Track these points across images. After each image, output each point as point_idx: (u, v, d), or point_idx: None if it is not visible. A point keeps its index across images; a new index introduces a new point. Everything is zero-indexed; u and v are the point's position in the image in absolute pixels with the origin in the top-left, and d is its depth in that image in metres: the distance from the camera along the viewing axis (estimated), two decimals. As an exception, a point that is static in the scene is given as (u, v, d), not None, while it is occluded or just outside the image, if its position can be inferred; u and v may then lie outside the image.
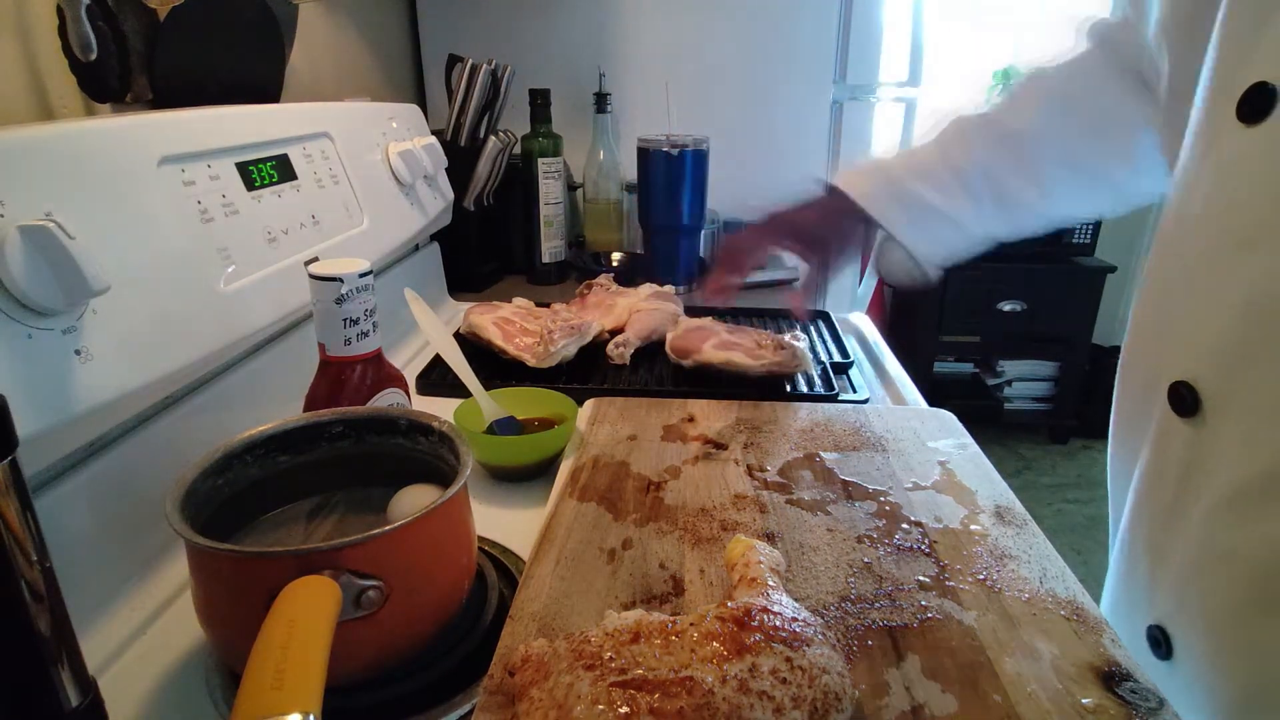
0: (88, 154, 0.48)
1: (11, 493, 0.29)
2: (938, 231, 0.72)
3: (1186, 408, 0.45)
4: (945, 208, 0.71)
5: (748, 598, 0.39)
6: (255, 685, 0.27)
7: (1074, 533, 2.28)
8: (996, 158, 0.70)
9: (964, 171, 0.71)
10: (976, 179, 0.71)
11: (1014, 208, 0.72)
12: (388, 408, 0.54)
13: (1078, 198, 0.72)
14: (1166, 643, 0.48)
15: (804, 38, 1.28)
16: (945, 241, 0.73)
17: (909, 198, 0.71)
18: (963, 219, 0.72)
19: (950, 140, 0.73)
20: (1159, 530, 0.49)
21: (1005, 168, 0.70)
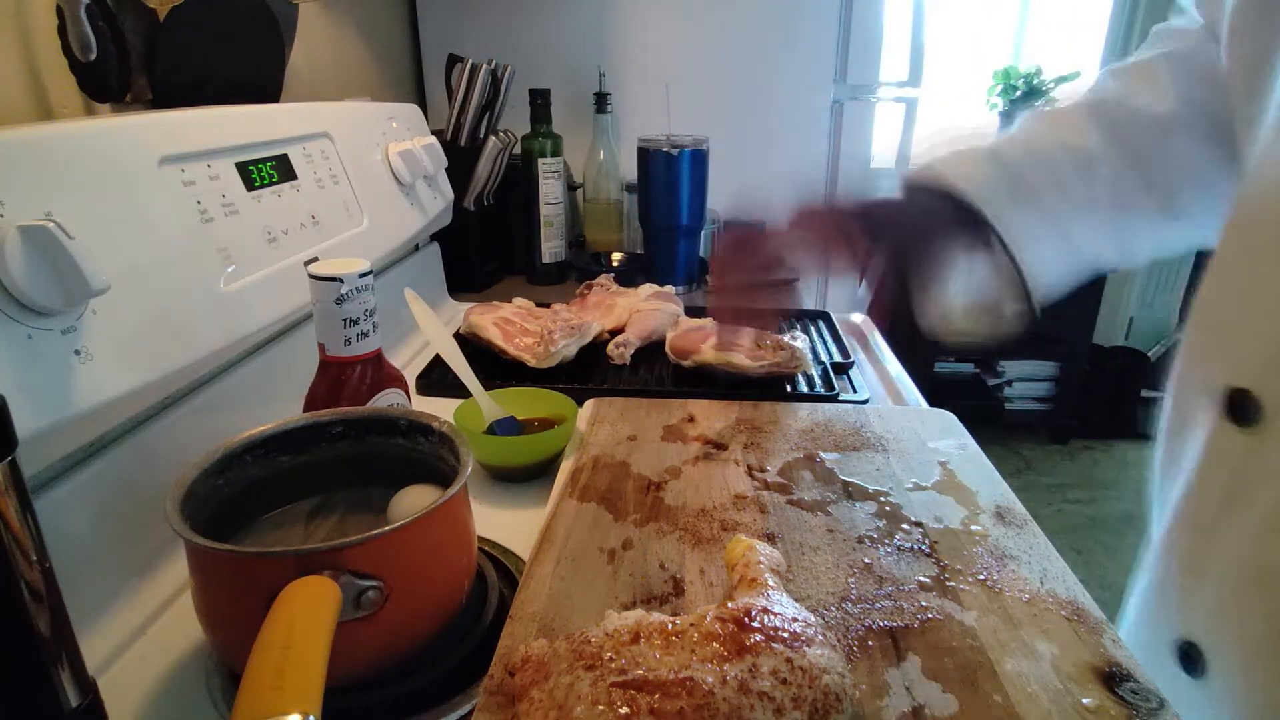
0: (88, 154, 0.48)
1: (11, 493, 0.29)
2: (1053, 248, 0.54)
3: (1244, 416, 0.43)
4: (1069, 213, 0.53)
5: (748, 598, 0.39)
6: (255, 685, 0.27)
7: (1074, 533, 2.28)
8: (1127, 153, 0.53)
9: (1092, 164, 0.53)
10: (1102, 177, 0.53)
11: (1132, 222, 0.55)
12: (388, 408, 0.54)
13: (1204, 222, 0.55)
14: (1198, 659, 0.46)
15: (804, 38, 1.28)
16: (1055, 263, 0.54)
17: (1031, 196, 0.52)
18: (1075, 233, 0.54)
19: (1066, 123, 0.55)
20: (1200, 542, 0.47)
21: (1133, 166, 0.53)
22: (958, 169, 0.54)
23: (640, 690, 0.33)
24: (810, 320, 1.00)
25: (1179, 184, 0.54)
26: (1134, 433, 2.78)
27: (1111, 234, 0.55)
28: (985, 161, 0.54)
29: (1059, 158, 0.53)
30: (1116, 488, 2.52)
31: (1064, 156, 0.53)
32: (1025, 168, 0.53)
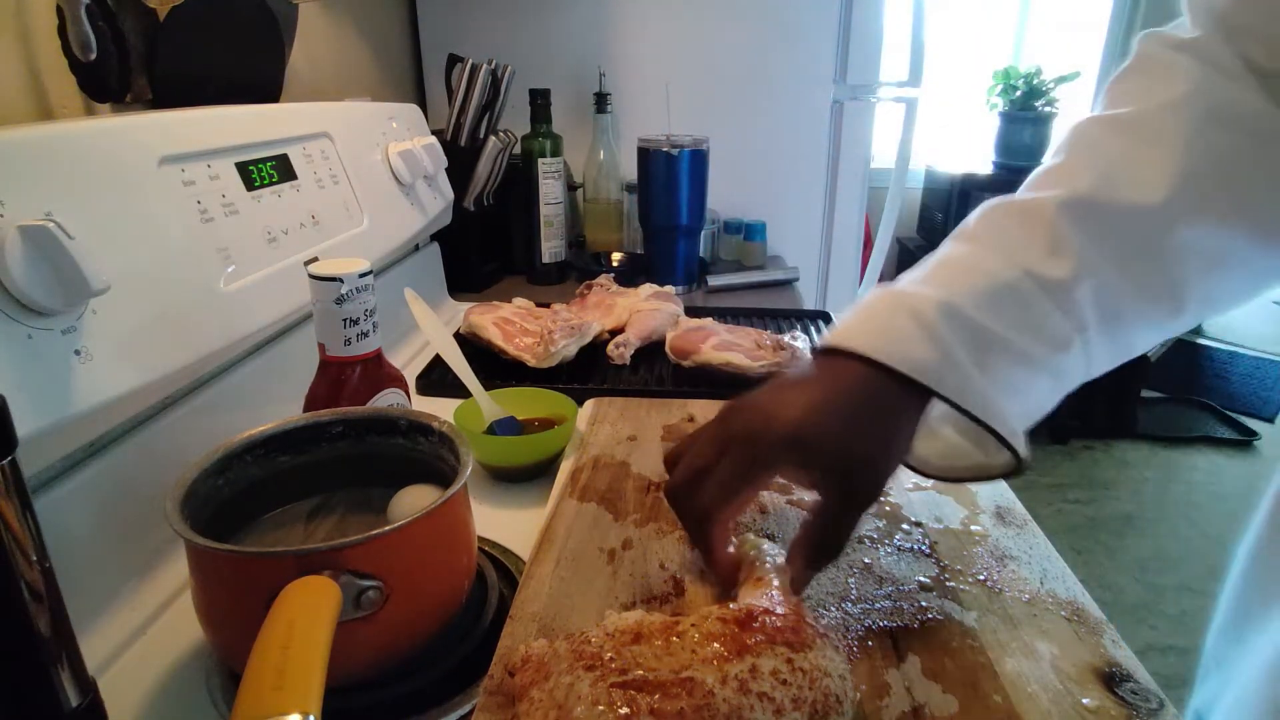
0: (88, 154, 0.48)
1: (11, 493, 0.29)
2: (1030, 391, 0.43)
3: None
4: (1048, 357, 0.42)
5: (751, 599, 0.39)
6: (255, 685, 0.27)
7: (1074, 533, 2.28)
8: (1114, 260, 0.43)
9: (1071, 291, 0.42)
10: (1087, 300, 0.42)
11: (1131, 330, 0.45)
12: (388, 408, 0.54)
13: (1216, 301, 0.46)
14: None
15: (804, 38, 1.28)
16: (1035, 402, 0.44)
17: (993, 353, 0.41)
18: (1064, 366, 0.43)
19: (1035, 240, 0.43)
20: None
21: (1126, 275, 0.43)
22: (873, 336, 0.42)
23: (640, 690, 0.33)
24: (810, 320, 1.00)
25: (1188, 278, 0.44)
26: (1134, 433, 2.78)
27: (1108, 348, 0.45)
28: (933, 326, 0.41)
29: (1027, 293, 0.42)
30: (1116, 488, 2.52)
31: (1034, 290, 0.42)
32: (985, 319, 0.41)
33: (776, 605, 0.38)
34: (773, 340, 0.80)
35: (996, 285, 0.42)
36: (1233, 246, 0.43)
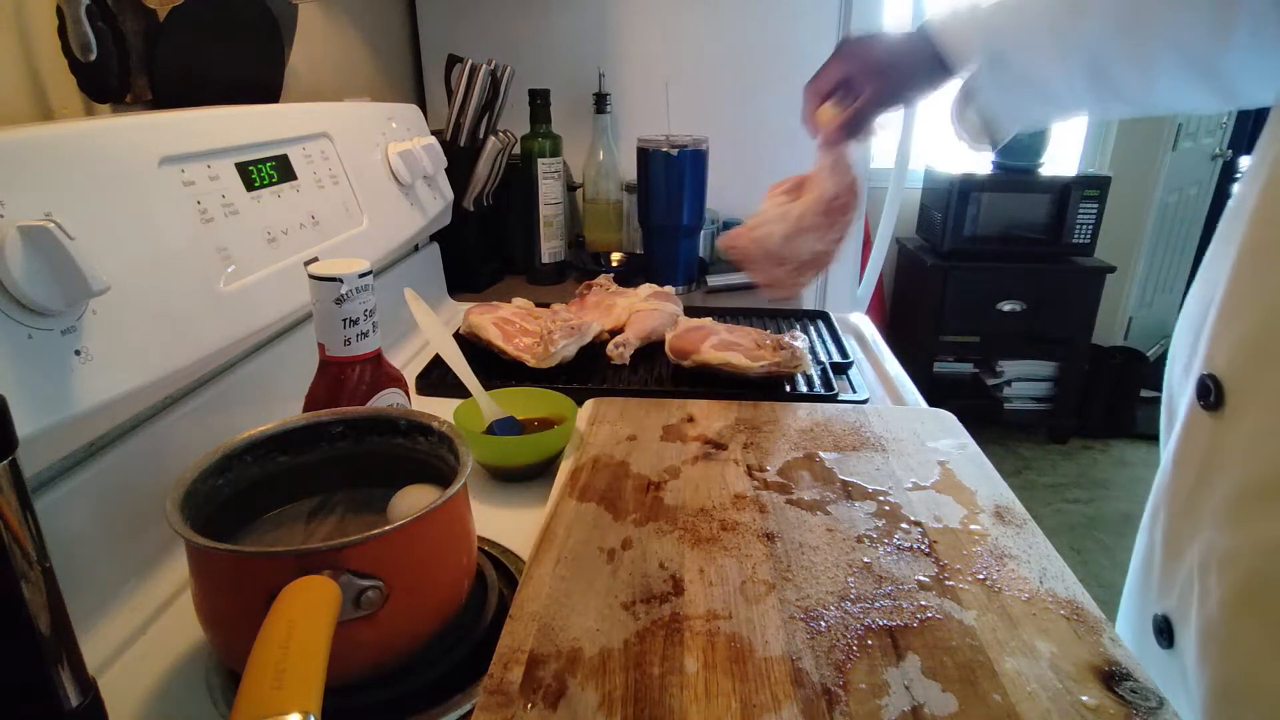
0: (88, 154, 0.48)
1: (11, 493, 0.29)
2: (1023, 99, 0.68)
3: (1210, 401, 0.46)
4: (1041, 79, 0.66)
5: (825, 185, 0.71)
6: (255, 685, 0.27)
7: (1074, 533, 2.28)
8: (1109, 37, 0.63)
9: (1069, 44, 0.64)
10: (1080, 55, 0.64)
11: (1112, 90, 0.66)
12: (388, 408, 0.54)
13: (1183, 92, 0.65)
14: (1169, 633, 0.49)
15: (804, 38, 1.28)
16: (1027, 110, 0.69)
17: (1003, 63, 0.66)
18: (1055, 92, 0.67)
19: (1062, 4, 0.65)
20: (1176, 521, 0.50)
21: (1115, 49, 0.63)
22: (944, 25, 0.69)
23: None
24: (810, 320, 1.00)
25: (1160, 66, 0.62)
26: (1133, 433, 2.79)
27: (1092, 94, 0.66)
28: (969, 22, 0.68)
29: (1039, 30, 0.65)
30: (1115, 487, 2.52)
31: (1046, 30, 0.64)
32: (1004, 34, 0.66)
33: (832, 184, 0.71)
34: (773, 340, 0.80)
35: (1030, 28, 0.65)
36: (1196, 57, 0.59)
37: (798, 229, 0.71)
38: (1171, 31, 0.61)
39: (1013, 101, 0.68)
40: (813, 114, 0.74)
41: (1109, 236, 2.56)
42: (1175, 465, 0.50)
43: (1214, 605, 0.45)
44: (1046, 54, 0.65)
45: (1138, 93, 0.66)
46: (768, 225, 0.72)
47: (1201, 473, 0.47)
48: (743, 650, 0.41)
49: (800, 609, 0.44)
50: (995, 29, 0.67)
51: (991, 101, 0.68)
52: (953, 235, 2.50)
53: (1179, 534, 0.49)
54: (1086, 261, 2.56)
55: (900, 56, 0.71)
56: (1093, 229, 2.52)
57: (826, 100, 0.73)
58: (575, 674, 0.39)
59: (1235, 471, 0.44)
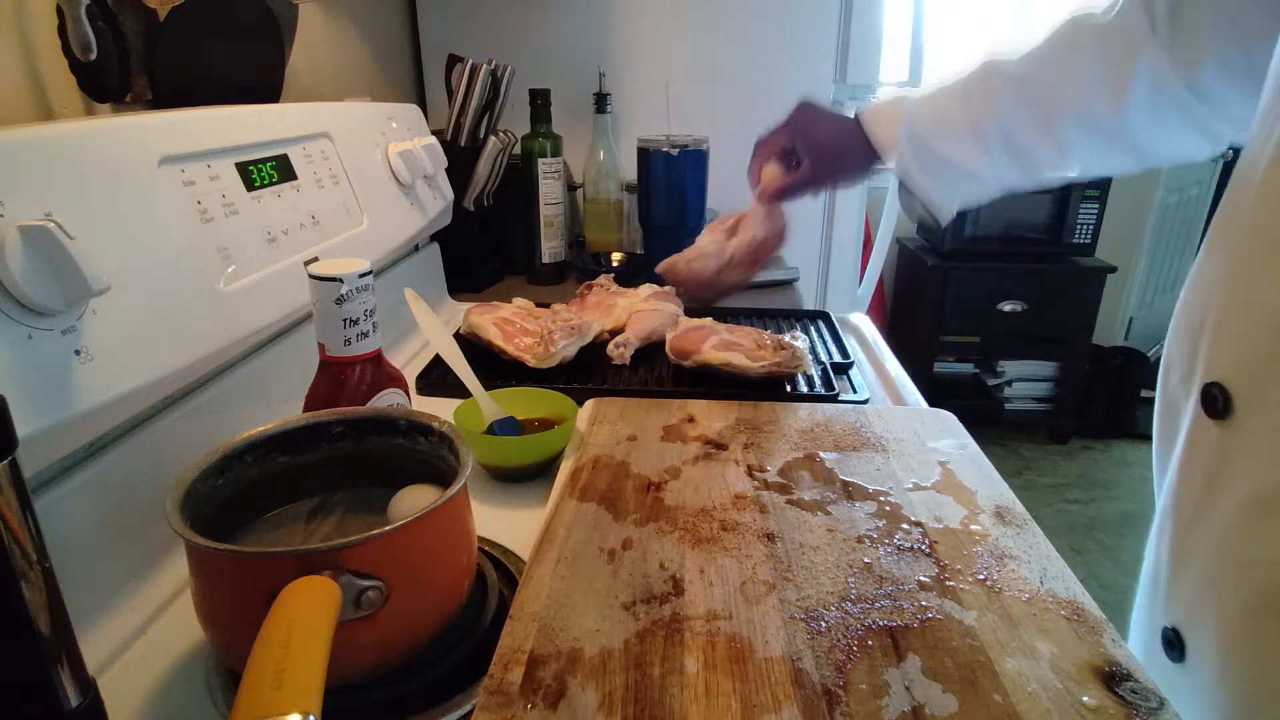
0: (88, 154, 0.48)
1: (11, 493, 0.29)
2: (953, 182, 0.74)
3: (1217, 409, 0.45)
4: (963, 164, 0.72)
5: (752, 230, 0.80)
6: (255, 685, 0.27)
7: (1074, 533, 2.28)
8: (1016, 113, 0.69)
9: (982, 125, 0.70)
10: (994, 134, 0.70)
11: (1031, 163, 0.72)
12: (388, 408, 0.54)
13: (1097, 157, 0.71)
14: (1180, 645, 0.48)
15: (804, 38, 1.28)
16: (959, 190, 0.75)
17: (929, 155, 0.72)
18: (978, 172, 0.72)
19: (975, 92, 0.72)
20: (1184, 532, 0.49)
21: (1024, 124, 0.69)
22: (873, 118, 0.75)
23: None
24: (810, 320, 1.00)
25: (1069, 138, 0.69)
26: (1133, 433, 2.78)
27: (1014, 169, 0.72)
28: (895, 116, 0.74)
29: (956, 118, 0.71)
30: (1116, 488, 2.52)
31: (961, 118, 0.71)
32: (925, 125, 0.73)
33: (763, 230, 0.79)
34: (773, 340, 0.80)
35: (946, 117, 0.72)
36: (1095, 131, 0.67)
37: (728, 265, 0.83)
38: (1071, 101, 0.67)
39: (943, 184, 0.74)
40: (758, 169, 0.82)
41: (1109, 236, 2.56)
42: (1181, 474, 0.49)
43: (1231, 616, 0.44)
44: (963, 137, 0.71)
45: (1055, 162, 0.71)
46: (704, 259, 0.84)
47: (1210, 481, 0.46)
48: (743, 651, 0.41)
49: (800, 609, 0.44)
50: (916, 116, 0.73)
51: (924, 186, 0.74)
52: (953, 235, 2.50)
53: (1187, 543, 0.48)
54: (1087, 261, 2.56)
55: (840, 143, 0.77)
56: (1093, 229, 2.52)
57: (771, 160, 0.81)
58: (575, 674, 0.39)
59: (1247, 479, 0.43)
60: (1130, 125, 0.66)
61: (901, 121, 0.74)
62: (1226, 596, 0.44)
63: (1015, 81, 0.70)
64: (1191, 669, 0.47)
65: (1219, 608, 0.45)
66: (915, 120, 0.73)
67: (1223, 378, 0.45)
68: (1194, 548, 0.47)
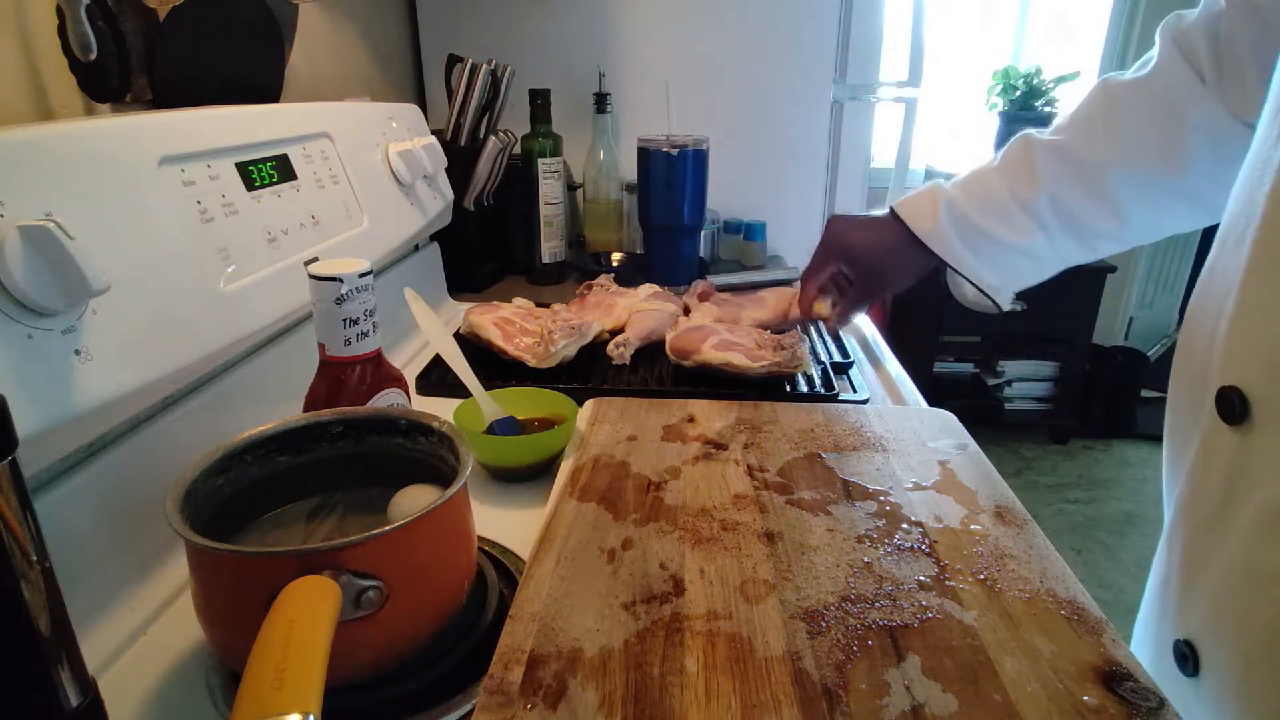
0: (88, 154, 0.48)
1: (11, 493, 0.29)
2: (1008, 263, 0.71)
3: (1234, 414, 0.43)
4: (1015, 241, 0.69)
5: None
6: (255, 685, 0.27)
7: (1074, 533, 2.28)
8: (1068, 189, 0.67)
9: (1033, 203, 0.68)
10: (1046, 211, 0.68)
11: (1089, 236, 0.70)
12: (388, 408, 0.54)
13: (1161, 219, 0.68)
14: (1194, 659, 0.46)
15: (804, 38, 1.28)
16: (1016, 271, 0.72)
17: (976, 234, 0.70)
18: (1036, 251, 0.70)
19: (1016, 168, 0.70)
20: (1198, 542, 0.47)
21: (1078, 199, 0.67)
22: (912, 210, 0.73)
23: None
24: (810, 320, 1.00)
25: (1124, 202, 0.67)
26: (1134, 433, 2.79)
27: (1073, 244, 0.70)
28: (935, 205, 0.72)
29: (1004, 200, 0.69)
30: (1116, 488, 2.52)
31: (1010, 199, 0.69)
32: (971, 211, 0.70)
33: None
34: (773, 340, 0.80)
35: (989, 194, 0.70)
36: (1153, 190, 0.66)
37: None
38: (1120, 162, 0.65)
39: (995, 265, 0.71)
40: (809, 304, 0.82)
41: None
42: (1195, 481, 0.47)
43: (1255, 630, 0.42)
44: (1010, 212, 0.69)
45: (1114, 228, 0.68)
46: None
47: (1227, 489, 0.44)
48: (743, 650, 0.41)
49: (801, 609, 0.44)
50: (954, 198, 0.71)
51: (974, 269, 0.71)
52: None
53: (1201, 553, 0.47)
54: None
55: (883, 251, 0.75)
56: (1093, 229, 2.51)
57: (820, 296, 0.82)
58: (575, 674, 0.39)
59: (1269, 486, 0.41)
60: (1193, 181, 0.64)
61: (940, 204, 0.71)
62: (1248, 611, 0.43)
63: (1057, 150, 0.68)
64: (1206, 684, 0.45)
65: (1239, 622, 0.43)
66: (954, 201, 0.71)
67: (1238, 381, 0.43)
68: (1209, 558, 0.46)
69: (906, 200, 0.73)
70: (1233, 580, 0.44)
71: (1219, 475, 0.45)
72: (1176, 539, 0.49)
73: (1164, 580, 0.51)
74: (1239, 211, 0.46)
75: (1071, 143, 0.67)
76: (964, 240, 0.70)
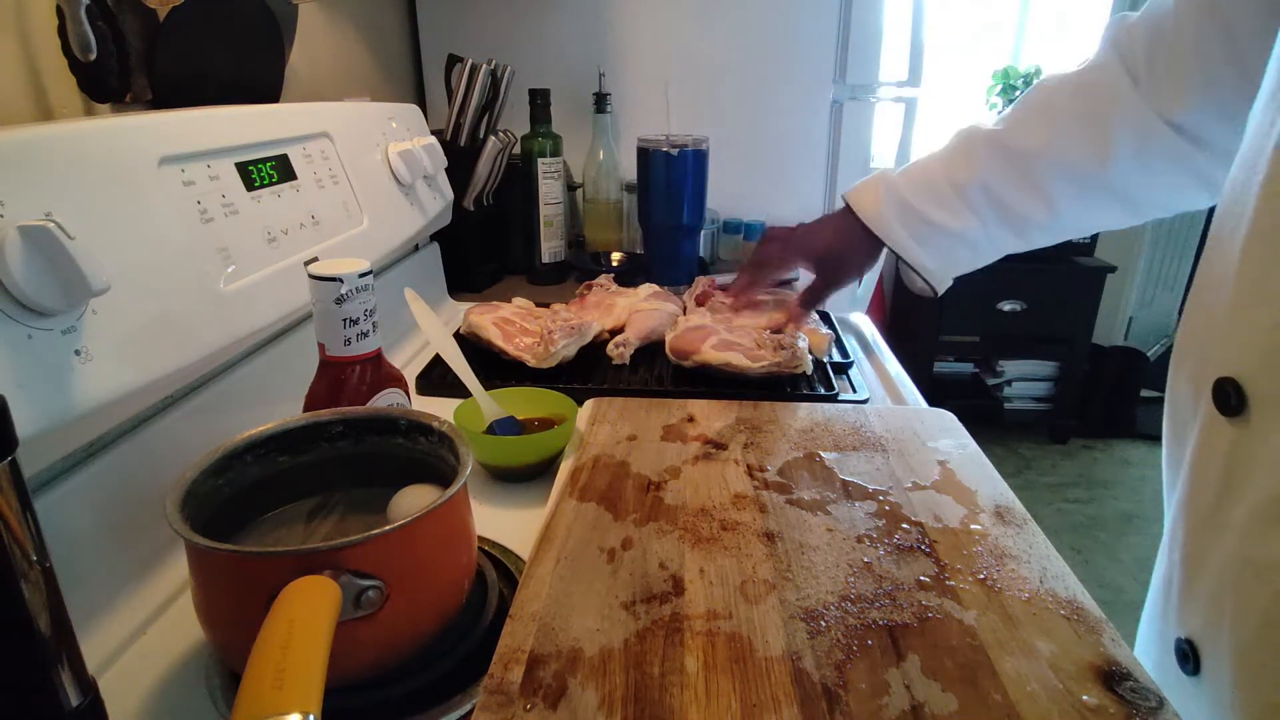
0: (88, 154, 0.48)
1: (11, 493, 0.29)
2: (945, 248, 0.74)
3: (1231, 406, 0.43)
4: (951, 226, 0.72)
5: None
6: (255, 685, 0.27)
7: (1074, 533, 2.28)
8: (1001, 176, 0.70)
9: (968, 190, 0.71)
10: (979, 197, 0.71)
11: (1022, 225, 0.72)
12: (388, 408, 0.54)
13: (1090, 213, 0.71)
14: (1195, 658, 0.46)
15: (804, 38, 1.28)
16: (953, 257, 0.75)
17: (914, 217, 0.73)
18: (971, 237, 0.73)
19: (956, 156, 0.73)
20: (1197, 537, 0.47)
21: (1010, 186, 0.70)
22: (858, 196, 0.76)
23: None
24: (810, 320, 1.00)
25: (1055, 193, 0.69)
26: (1133, 432, 2.79)
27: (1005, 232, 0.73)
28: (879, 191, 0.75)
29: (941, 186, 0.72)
30: (1116, 487, 2.52)
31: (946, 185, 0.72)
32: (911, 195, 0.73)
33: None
34: (773, 340, 0.80)
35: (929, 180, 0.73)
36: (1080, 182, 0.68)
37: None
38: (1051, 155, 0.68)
39: (934, 251, 0.74)
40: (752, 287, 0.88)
41: (1109, 236, 2.56)
42: (1193, 476, 0.47)
43: (1251, 624, 0.42)
44: (946, 198, 0.72)
45: (1046, 220, 0.71)
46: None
47: (1224, 482, 0.44)
48: (743, 650, 0.41)
49: (800, 609, 0.44)
50: (896, 184, 0.74)
51: (914, 253, 0.74)
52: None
53: (1201, 550, 0.46)
54: (1087, 261, 2.56)
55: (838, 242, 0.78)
56: (1093, 229, 2.51)
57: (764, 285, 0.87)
58: (575, 674, 0.39)
59: (1266, 478, 0.41)
60: (1118, 177, 0.66)
61: (882, 190, 0.74)
62: (1243, 605, 0.42)
63: (993, 140, 0.71)
64: (1207, 682, 0.45)
65: (1235, 617, 0.43)
66: (896, 187, 0.74)
67: (1235, 372, 0.43)
68: (1208, 554, 0.45)
69: (856, 188, 0.77)
70: (1230, 575, 0.44)
71: (1217, 469, 0.45)
72: (1177, 537, 0.49)
73: (1166, 579, 0.51)
74: (1233, 204, 0.46)
75: (1008, 132, 0.70)
76: (904, 225, 0.73)
